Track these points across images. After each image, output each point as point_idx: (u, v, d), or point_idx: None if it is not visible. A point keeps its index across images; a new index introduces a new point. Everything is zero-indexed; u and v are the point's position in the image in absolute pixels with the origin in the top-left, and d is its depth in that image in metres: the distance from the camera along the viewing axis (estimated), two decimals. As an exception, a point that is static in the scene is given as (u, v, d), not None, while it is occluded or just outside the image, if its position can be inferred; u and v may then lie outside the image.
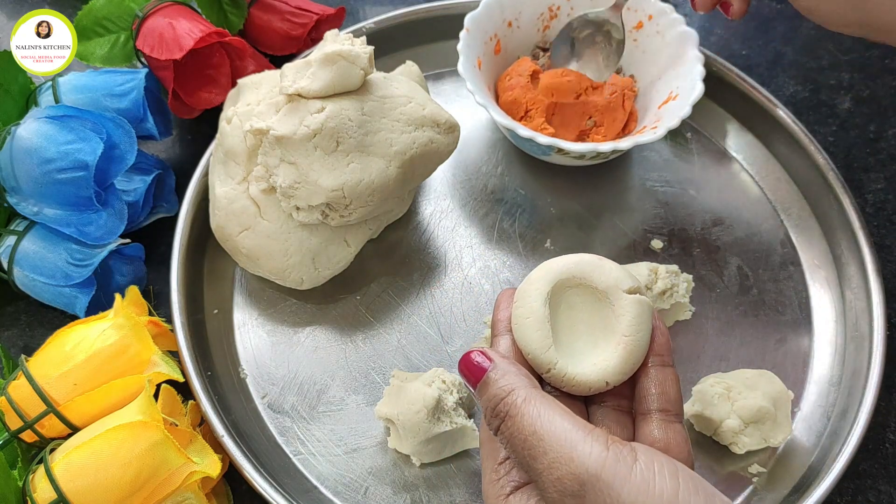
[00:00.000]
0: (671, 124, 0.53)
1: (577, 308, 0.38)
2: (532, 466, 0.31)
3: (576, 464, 0.30)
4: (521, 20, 0.60)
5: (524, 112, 0.57)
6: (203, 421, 0.47)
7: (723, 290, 0.54)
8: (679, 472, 0.30)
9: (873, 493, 0.48)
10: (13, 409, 0.43)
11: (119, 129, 0.51)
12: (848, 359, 0.51)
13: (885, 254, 0.57)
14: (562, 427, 0.31)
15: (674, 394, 0.36)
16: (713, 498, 0.30)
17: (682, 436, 0.35)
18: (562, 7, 0.61)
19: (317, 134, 0.47)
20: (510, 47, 0.60)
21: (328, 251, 0.51)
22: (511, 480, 0.34)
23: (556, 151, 0.54)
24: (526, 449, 0.31)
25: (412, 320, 0.53)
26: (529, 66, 0.58)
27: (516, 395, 0.32)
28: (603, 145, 0.53)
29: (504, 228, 0.57)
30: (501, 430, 0.33)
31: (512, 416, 0.32)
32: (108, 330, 0.45)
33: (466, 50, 0.56)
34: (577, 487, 0.29)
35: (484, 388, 0.34)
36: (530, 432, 0.31)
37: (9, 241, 0.51)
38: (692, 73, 0.55)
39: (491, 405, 0.33)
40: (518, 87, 0.57)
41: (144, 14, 0.57)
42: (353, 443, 0.49)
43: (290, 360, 0.52)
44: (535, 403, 0.32)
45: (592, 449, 0.30)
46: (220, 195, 0.52)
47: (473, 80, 0.55)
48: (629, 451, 0.30)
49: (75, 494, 0.39)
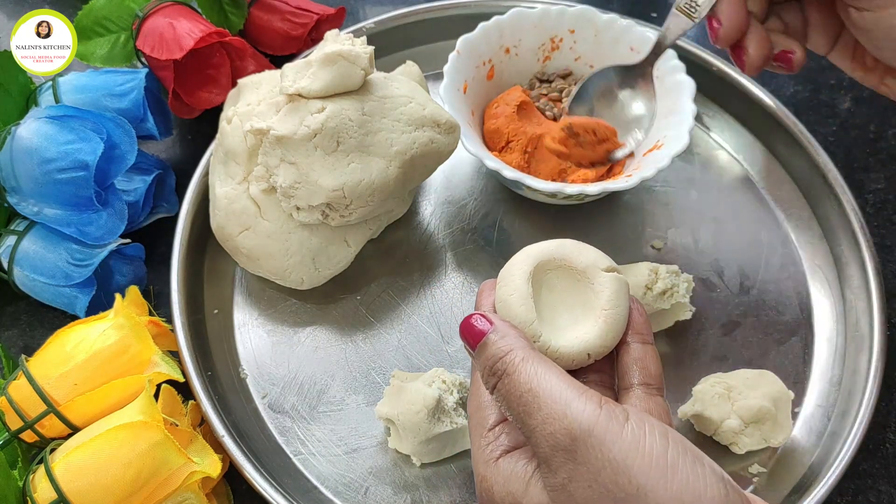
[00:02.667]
0: (646, 174, 0.51)
1: (558, 289, 0.39)
2: (526, 422, 0.32)
3: (569, 419, 0.30)
4: (520, 48, 0.59)
5: (505, 143, 0.55)
6: (203, 421, 0.47)
7: (723, 290, 0.54)
8: (668, 434, 0.31)
9: (874, 493, 0.48)
10: (13, 409, 0.43)
11: (119, 129, 0.51)
12: (848, 359, 0.51)
13: (886, 254, 0.57)
14: (557, 385, 0.32)
15: (654, 369, 0.37)
16: (701, 459, 0.30)
17: (664, 408, 0.36)
18: (564, 39, 0.59)
19: (317, 134, 0.47)
20: (505, 74, 0.59)
21: (328, 251, 0.52)
22: (500, 445, 0.35)
23: (525, 188, 0.53)
24: (521, 405, 0.32)
25: (412, 320, 0.53)
26: (518, 97, 0.56)
27: (515, 354, 0.33)
28: (570, 187, 0.51)
29: (504, 228, 0.57)
30: (498, 387, 0.33)
31: (509, 373, 0.33)
32: (108, 330, 0.45)
33: (453, 72, 0.55)
34: (568, 442, 0.30)
35: (483, 348, 0.34)
36: (526, 389, 0.32)
37: (9, 241, 0.51)
38: (682, 125, 0.53)
39: (489, 363, 0.34)
40: (502, 117, 0.55)
41: (145, 14, 0.57)
42: (353, 443, 0.49)
43: (291, 360, 0.52)
44: (532, 363, 0.33)
45: (586, 406, 0.31)
46: (220, 195, 0.52)
47: (453, 104, 0.53)
48: (621, 410, 0.31)
49: (76, 494, 0.39)
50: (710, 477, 0.29)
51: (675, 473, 0.29)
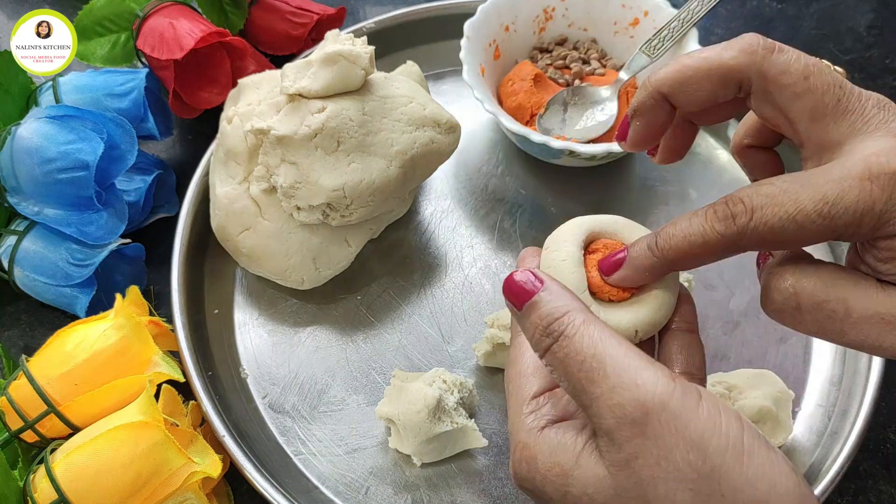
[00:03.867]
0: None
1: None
2: (588, 391, 0.29)
3: (641, 391, 0.28)
4: (517, 24, 0.60)
5: (529, 117, 0.57)
6: (204, 421, 0.47)
7: (723, 290, 0.54)
8: (741, 418, 0.29)
9: (874, 493, 0.48)
10: (14, 409, 0.43)
11: (119, 129, 0.51)
12: (848, 358, 0.51)
13: (886, 254, 0.57)
14: (625, 353, 0.29)
15: (698, 359, 0.35)
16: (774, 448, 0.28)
17: None
18: (556, 8, 0.61)
19: (318, 134, 0.47)
20: (508, 52, 0.60)
21: (329, 251, 0.51)
22: (545, 415, 0.32)
23: (567, 154, 0.54)
24: (583, 371, 0.29)
25: (413, 320, 0.53)
26: (531, 70, 0.58)
27: (573, 315, 0.30)
28: (615, 145, 0.52)
29: (505, 228, 0.57)
30: (553, 349, 0.30)
31: (569, 335, 0.30)
32: (108, 330, 0.44)
33: (469, 58, 0.56)
34: (639, 415, 0.27)
35: (534, 307, 0.31)
36: (590, 354, 0.29)
37: (9, 241, 0.51)
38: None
39: (543, 323, 0.30)
40: (521, 92, 0.57)
41: (145, 14, 0.57)
42: (353, 443, 0.49)
43: (291, 360, 0.52)
44: (594, 326, 0.30)
45: (659, 379, 0.28)
46: (220, 195, 0.52)
47: (480, 88, 0.55)
48: (694, 388, 0.28)
49: (76, 495, 0.39)
50: (784, 466, 0.28)
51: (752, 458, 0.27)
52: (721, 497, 0.27)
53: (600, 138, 0.56)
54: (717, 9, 0.55)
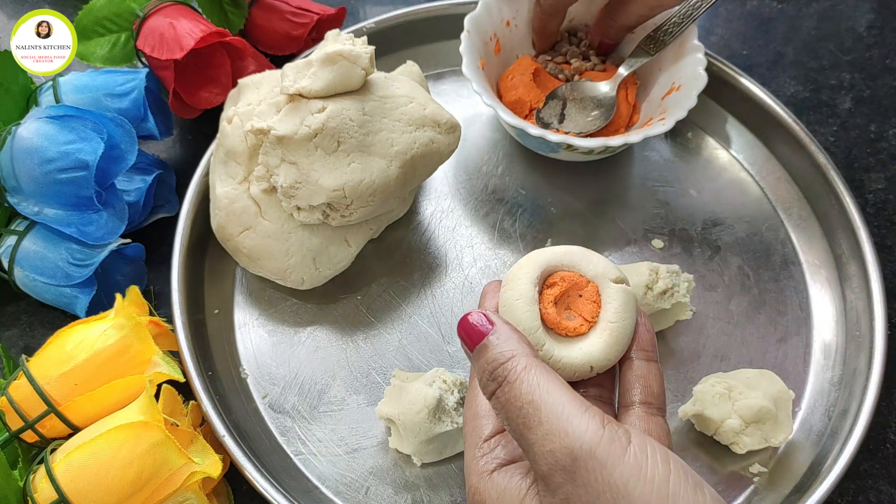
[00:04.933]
0: (679, 115, 0.53)
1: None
2: (525, 436, 0.30)
3: (570, 438, 0.29)
4: (518, 18, 0.60)
5: (528, 111, 0.57)
6: (204, 421, 0.47)
7: (723, 290, 0.54)
8: (670, 459, 0.30)
9: (874, 493, 0.48)
10: (14, 409, 0.43)
11: (120, 129, 0.51)
12: (848, 359, 0.51)
13: (886, 254, 0.57)
14: (560, 399, 0.30)
15: (657, 388, 0.36)
16: (701, 487, 0.29)
17: (664, 429, 0.35)
18: None
19: (318, 134, 0.47)
20: (509, 47, 0.60)
21: (329, 251, 0.51)
22: (495, 458, 0.33)
23: (565, 148, 0.54)
24: (521, 417, 0.30)
25: (413, 320, 0.53)
26: (531, 65, 0.58)
27: (517, 361, 0.32)
28: (613, 139, 0.52)
29: (505, 228, 0.57)
30: (497, 395, 0.32)
31: (510, 381, 0.31)
32: (108, 330, 0.45)
33: (469, 52, 0.56)
34: (568, 462, 0.29)
35: (483, 351, 0.33)
36: (527, 401, 0.30)
37: (9, 241, 0.51)
38: (694, 64, 0.55)
39: (489, 368, 0.32)
40: (521, 87, 0.57)
41: (145, 14, 0.57)
42: (354, 443, 0.49)
43: (291, 360, 0.52)
44: (534, 372, 0.31)
45: (589, 425, 0.29)
46: (220, 195, 0.52)
47: (479, 82, 0.55)
48: (624, 432, 0.30)
49: (76, 495, 0.39)
50: None
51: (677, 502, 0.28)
52: None
53: (598, 133, 0.56)
54: (717, 9, 0.55)
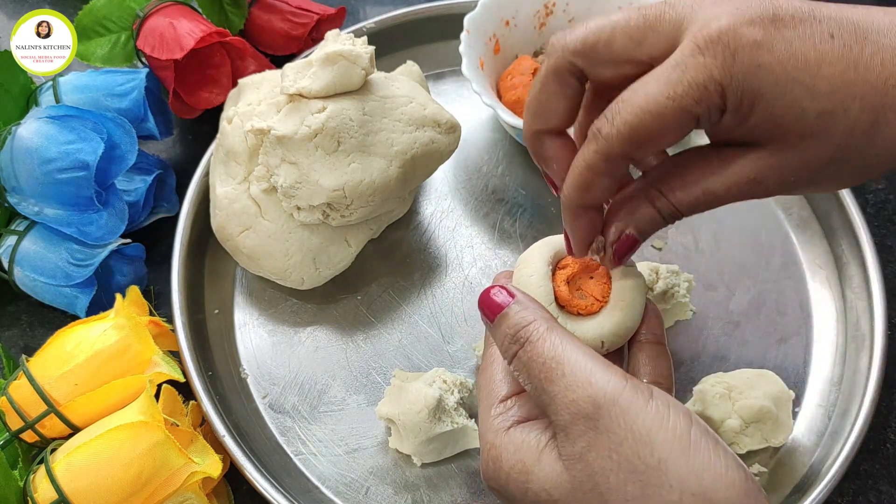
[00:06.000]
0: None
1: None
2: (547, 389, 0.31)
3: (594, 388, 0.30)
4: (518, 19, 0.60)
5: None
6: (204, 421, 0.47)
7: (723, 290, 0.54)
8: (691, 415, 0.30)
9: (874, 493, 0.48)
10: (14, 409, 0.43)
11: (120, 129, 0.51)
12: (849, 359, 0.51)
13: (886, 254, 0.57)
14: (583, 356, 0.31)
15: (665, 369, 0.37)
16: (723, 444, 0.30)
17: None
18: (557, 3, 0.60)
19: (318, 134, 0.47)
20: (508, 47, 0.60)
21: (329, 251, 0.51)
22: (512, 416, 0.34)
23: None
24: (544, 372, 0.31)
25: (413, 320, 0.53)
26: (531, 65, 0.58)
27: (539, 324, 0.33)
28: None
29: (505, 228, 0.57)
30: (519, 355, 0.33)
31: (533, 341, 0.32)
32: (108, 330, 0.45)
33: (469, 51, 0.56)
34: (591, 409, 0.29)
35: (504, 318, 0.34)
36: (550, 356, 0.31)
37: (9, 240, 0.51)
38: None
39: (511, 332, 0.33)
40: (521, 87, 0.57)
41: (145, 14, 0.57)
42: (354, 443, 0.49)
43: (291, 360, 0.52)
44: (557, 332, 0.32)
45: (611, 377, 0.30)
46: (220, 195, 0.52)
47: (479, 81, 0.55)
48: (646, 387, 0.30)
49: (76, 495, 0.39)
50: (730, 460, 0.29)
51: (698, 451, 0.29)
52: (669, 487, 0.28)
53: None
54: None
